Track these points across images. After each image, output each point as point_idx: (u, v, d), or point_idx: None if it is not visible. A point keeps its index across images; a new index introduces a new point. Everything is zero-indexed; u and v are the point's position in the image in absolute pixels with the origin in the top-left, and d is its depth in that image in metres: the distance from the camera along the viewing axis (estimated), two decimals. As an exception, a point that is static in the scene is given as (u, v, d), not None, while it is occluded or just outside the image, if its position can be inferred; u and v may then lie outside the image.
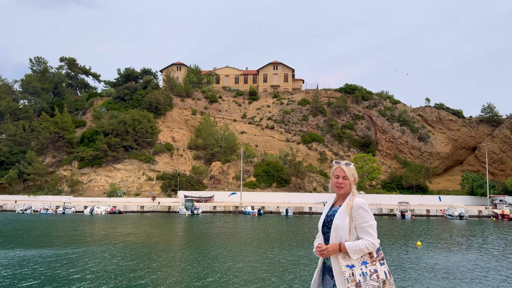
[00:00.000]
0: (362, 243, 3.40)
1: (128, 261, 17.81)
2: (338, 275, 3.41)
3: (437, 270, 16.34)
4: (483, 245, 24.87)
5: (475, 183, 73.86)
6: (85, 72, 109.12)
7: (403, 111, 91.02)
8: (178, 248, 22.54)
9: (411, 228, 36.50)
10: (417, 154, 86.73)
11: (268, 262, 17.76)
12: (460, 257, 19.71)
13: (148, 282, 13.67)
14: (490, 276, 15.28)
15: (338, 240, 3.47)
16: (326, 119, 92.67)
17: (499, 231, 34.85)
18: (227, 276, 14.63)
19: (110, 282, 13.60)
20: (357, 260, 3.39)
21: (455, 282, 14.11)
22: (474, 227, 39.34)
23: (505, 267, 17.26)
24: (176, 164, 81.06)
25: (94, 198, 71.38)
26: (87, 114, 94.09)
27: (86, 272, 15.15)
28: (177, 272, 15.44)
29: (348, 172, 3.66)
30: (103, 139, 77.86)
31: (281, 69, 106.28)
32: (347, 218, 3.49)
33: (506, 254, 21.15)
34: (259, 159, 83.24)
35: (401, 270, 16.21)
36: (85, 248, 21.60)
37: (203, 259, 18.48)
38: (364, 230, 3.45)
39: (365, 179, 77.53)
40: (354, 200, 3.54)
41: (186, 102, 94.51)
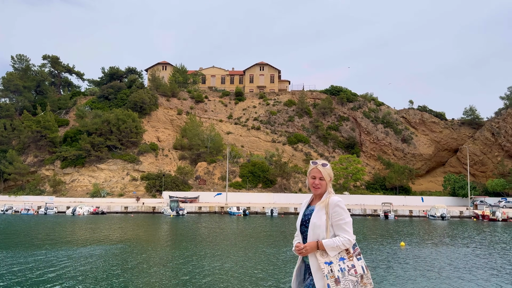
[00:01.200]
0: (339, 240, 3.49)
1: (112, 263, 17.63)
2: (316, 272, 3.49)
3: (420, 269, 16.62)
4: (464, 244, 25.37)
5: (456, 184, 75.23)
6: (68, 70, 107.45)
7: (387, 113, 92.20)
8: (164, 248, 22.40)
9: (394, 229, 37.00)
10: (400, 155, 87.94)
11: (253, 261, 17.81)
12: (442, 256, 20.07)
13: (132, 284, 13.57)
14: (472, 274, 15.62)
15: (315, 238, 3.55)
16: (311, 120, 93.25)
17: (479, 231, 35.59)
18: (214, 276, 14.62)
19: (92, 285, 13.45)
20: (335, 256, 3.48)
21: (437, 280, 14.38)
22: (455, 227, 40.09)
23: (487, 265, 17.66)
24: (161, 164, 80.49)
25: (77, 199, 70.36)
26: (70, 113, 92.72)
27: (66, 275, 14.94)
28: (163, 273, 15.35)
29: (324, 173, 3.74)
30: (86, 139, 76.85)
31: (267, 70, 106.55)
32: (324, 216, 3.57)
33: (487, 253, 21.62)
34: (245, 159, 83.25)
35: (384, 269, 16.43)
36: (66, 250, 21.29)
37: (190, 260, 18.41)
38: (340, 227, 3.54)
39: (350, 180, 78.27)
40: (331, 198, 3.63)
41: (171, 102, 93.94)
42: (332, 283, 3.39)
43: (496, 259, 19.84)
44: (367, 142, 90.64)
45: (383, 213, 54.69)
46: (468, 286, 13.66)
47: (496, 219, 50.63)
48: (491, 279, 14.89)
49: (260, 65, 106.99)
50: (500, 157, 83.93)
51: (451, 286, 13.68)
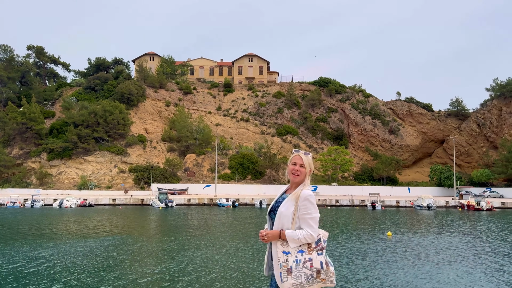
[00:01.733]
0: (301, 233, 3.50)
1: (102, 255, 17.55)
2: (274, 260, 3.54)
3: (407, 257, 16.90)
4: (450, 233, 25.84)
5: (442, 174, 76.37)
6: (54, 61, 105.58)
7: (375, 105, 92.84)
8: (154, 240, 22.37)
9: (381, 219, 37.48)
10: (387, 146, 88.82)
11: (245, 251, 17.90)
12: (429, 245, 20.43)
13: (124, 276, 13.54)
14: (459, 261, 15.95)
15: (280, 227, 3.59)
16: (300, 111, 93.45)
17: (464, 221, 36.26)
18: (206, 266, 14.67)
19: (80, 277, 13.39)
20: (294, 248, 3.50)
21: (424, 267, 14.65)
22: (441, 217, 40.77)
23: (473, 253, 18.04)
24: (149, 156, 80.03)
25: (64, 191, 69.67)
26: (56, 104, 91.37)
27: (54, 269, 14.84)
28: (155, 265, 15.35)
29: (305, 161, 3.74)
30: (73, 131, 75.92)
31: (256, 61, 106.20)
32: (292, 207, 3.59)
33: (473, 241, 22.07)
34: (234, 151, 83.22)
35: (372, 258, 16.66)
36: (53, 243, 21.12)
37: (181, 251, 18.43)
38: (305, 221, 3.55)
39: (338, 171, 78.92)
40: (302, 191, 3.63)
41: (159, 93, 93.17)
42: (284, 272, 3.43)
43: (483, 247, 20.27)
44: (355, 133, 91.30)
45: (370, 203, 55.32)
46: (455, 273, 13.95)
47: (480, 208, 51.60)
48: (478, 267, 15.22)
49: (249, 56, 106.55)
50: (485, 148, 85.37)
51: (438, 273, 13.95)
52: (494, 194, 70.14)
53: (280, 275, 3.41)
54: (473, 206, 52.60)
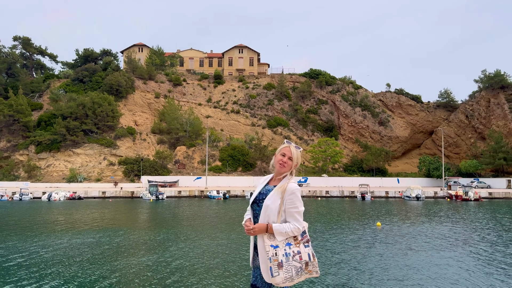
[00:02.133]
0: (289, 226, 3.51)
1: (93, 248, 17.43)
2: (262, 253, 3.53)
3: (397, 247, 17.07)
4: (439, 223, 26.18)
5: (431, 165, 77.21)
6: (41, 52, 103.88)
7: (365, 96, 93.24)
8: (146, 232, 22.28)
9: (371, 209, 37.81)
10: (377, 138, 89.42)
11: (237, 242, 17.93)
12: (418, 234, 20.67)
13: (114, 267, 13.46)
14: (449, 249, 16.17)
15: (266, 220, 3.57)
16: (291, 103, 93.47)
17: (453, 211, 36.76)
18: (200, 257, 14.66)
19: (70, 269, 13.28)
20: (282, 241, 3.50)
21: (415, 256, 14.81)
22: (429, 207, 41.27)
23: (462, 242, 18.31)
24: (139, 148, 79.53)
25: (53, 184, 69.01)
26: (44, 96, 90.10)
27: (43, 261, 14.70)
28: (148, 256, 15.29)
29: (294, 154, 3.73)
30: (61, 123, 75.04)
31: (246, 53, 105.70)
32: (278, 201, 3.58)
33: (462, 230, 22.40)
34: (224, 143, 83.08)
35: (361, 248, 16.80)
36: (42, 236, 20.92)
37: (174, 242, 18.40)
38: (292, 215, 3.56)
39: (328, 163, 79.35)
40: (289, 185, 3.63)
41: (148, 85, 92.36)
42: (275, 266, 3.42)
43: (472, 236, 20.57)
44: (345, 125, 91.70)
45: (360, 194, 55.77)
46: (446, 261, 14.13)
47: (468, 199, 52.33)
48: (467, 255, 15.45)
49: (239, 48, 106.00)
50: (473, 139, 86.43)
51: (428, 261, 14.12)
52: (481, 185, 71.19)
53: (270, 269, 3.39)
54: (461, 196, 53.32)
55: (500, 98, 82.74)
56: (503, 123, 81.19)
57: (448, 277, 12.04)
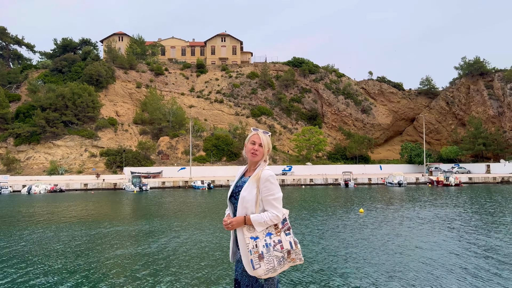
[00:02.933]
0: (267, 215, 3.40)
1: (78, 240, 17.11)
2: (242, 247, 3.40)
3: (379, 232, 17.26)
4: (420, 207, 26.61)
5: (413, 152, 78.41)
6: (17, 42, 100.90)
7: (348, 84, 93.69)
8: (131, 224, 22.00)
9: (354, 196, 38.21)
10: (360, 125, 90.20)
11: (224, 231, 17.86)
12: (400, 219, 20.95)
13: (103, 260, 13.23)
14: (430, 232, 16.42)
15: (244, 212, 3.44)
16: (274, 92, 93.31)
17: (434, 196, 37.43)
18: (188, 246, 14.53)
19: (53, 263, 13.00)
20: (262, 231, 3.40)
21: (396, 240, 14.99)
22: (411, 193, 41.94)
23: (441, 224, 18.62)
24: (121, 139, 78.46)
25: (33, 177, 67.67)
26: (21, 87, 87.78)
27: (24, 255, 14.36)
28: (135, 247, 15.08)
29: (264, 140, 3.62)
30: (40, 114, 73.39)
31: (229, 41, 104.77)
32: (254, 190, 3.46)
33: (441, 213, 22.80)
34: (208, 133, 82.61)
35: (344, 234, 16.93)
36: (22, 229, 20.46)
37: (161, 233, 18.22)
38: (269, 203, 3.44)
39: (312, 151, 79.80)
40: (262, 172, 3.51)
41: (129, 74, 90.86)
42: (256, 258, 3.31)
43: (453, 219, 20.94)
44: (329, 113, 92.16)
45: (343, 181, 56.30)
46: (429, 245, 14.34)
47: (449, 184, 53.38)
48: (449, 236, 15.71)
49: (222, 36, 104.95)
50: (453, 125, 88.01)
51: (410, 247, 14.30)
52: (462, 170, 72.70)
53: (252, 262, 3.29)
54: (442, 182, 54.32)
55: (480, 85, 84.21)
56: (482, 109, 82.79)
57: (433, 260, 12.21)
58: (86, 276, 11.11)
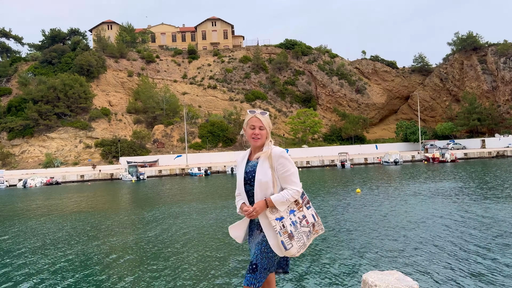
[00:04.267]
0: (288, 193, 3.27)
1: (80, 230, 17.02)
2: (268, 230, 3.28)
3: (377, 211, 17.28)
4: (418, 184, 26.70)
5: (408, 130, 78.59)
6: (5, 34, 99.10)
7: (341, 65, 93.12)
8: (132, 212, 21.97)
9: (351, 176, 38.31)
10: (355, 106, 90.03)
11: (225, 216, 17.84)
12: (397, 198, 21.00)
13: (105, 247, 13.16)
14: (423, 209, 16.48)
15: (263, 196, 3.29)
16: (268, 76, 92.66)
17: (430, 172, 37.58)
18: (191, 232, 14.50)
19: (52, 253, 12.92)
20: (285, 211, 3.28)
21: (394, 220, 15.02)
22: (407, 170, 42.11)
23: (439, 198, 18.68)
24: (115, 129, 77.97)
25: (29, 170, 67.37)
26: (12, 81, 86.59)
27: (25, 245, 14.27)
28: (138, 234, 15.03)
29: (264, 122, 3.40)
30: (32, 107, 72.64)
31: (220, 25, 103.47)
32: (269, 171, 3.30)
33: (439, 188, 22.90)
34: (203, 120, 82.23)
35: (340, 214, 16.95)
36: (21, 222, 20.34)
37: (163, 219, 18.19)
38: (287, 179, 3.31)
39: (308, 133, 79.76)
40: (273, 150, 3.34)
41: (120, 63, 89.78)
42: (286, 239, 3.22)
43: (450, 192, 21.02)
44: (323, 95, 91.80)
45: (340, 162, 56.45)
46: (432, 220, 14.37)
47: (445, 160, 53.65)
48: (447, 207, 15.76)
49: (212, 20, 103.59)
50: (448, 101, 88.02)
51: (409, 223, 14.32)
52: (457, 146, 73.06)
53: (283, 243, 3.19)
54: (438, 158, 54.57)
55: (473, 60, 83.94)
56: (476, 85, 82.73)
57: (432, 232, 12.24)
58: (90, 264, 11.05)
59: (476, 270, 8.98)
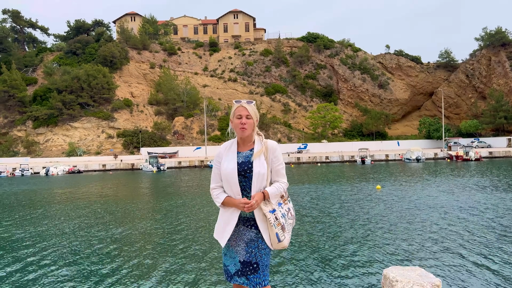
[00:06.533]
0: (281, 186, 3.32)
1: (107, 217, 17.32)
2: (262, 222, 3.26)
3: (396, 210, 16.96)
4: (437, 183, 26.08)
5: (431, 127, 76.92)
6: (31, 25, 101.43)
7: (364, 59, 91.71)
8: (157, 200, 22.29)
9: (371, 173, 37.76)
10: (377, 101, 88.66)
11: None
12: (418, 195, 20.57)
13: (132, 232, 13.34)
14: (445, 207, 16.06)
15: (259, 188, 3.24)
16: (289, 69, 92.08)
17: (454, 170, 36.70)
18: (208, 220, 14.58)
19: (72, 238, 13.16)
20: (275, 203, 3.30)
21: (415, 216, 14.70)
22: (430, 168, 41.23)
23: (459, 199, 18.20)
24: (136, 120, 79.06)
25: (53, 159, 69.07)
26: (37, 70, 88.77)
27: (49, 231, 14.59)
28: (164, 221, 15.19)
29: (251, 111, 3.32)
30: (57, 97, 74.29)
31: (241, 18, 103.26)
32: (265, 163, 3.27)
33: (462, 189, 22.31)
34: (223, 112, 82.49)
35: (360, 210, 16.69)
36: (44, 209, 20.83)
37: (187, 207, 18.36)
38: (279, 173, 3.35)
39: (328, 128, 79.05)
40: (268, 143, 3.34)
41: (143, 55, 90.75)
42: (280, 230, 3.24)
43: (475, 194, 20.46)
44: (345, 89, 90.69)
45: (360, 158, 55.72)
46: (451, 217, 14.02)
47: (469, 159, 52.31)
48: (470, 217, 15.33)
49: (234, 13, 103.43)
50: (473, 98, 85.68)
51: (431, 220, 13.99)
52: (482, 144, 71.14)
53: (277, 235, 3.22)
54: (462, 156, 53.25)
55: (501, 56, 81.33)
56: (504, 82, 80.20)
57: (457, 229, 11.90)
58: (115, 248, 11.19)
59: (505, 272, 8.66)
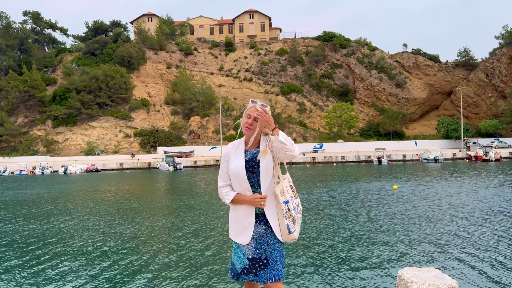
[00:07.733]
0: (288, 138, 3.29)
1: (123, 215, 17.60)
2: (276, 214, 3.31)
3: (413, 210, 16.75)
4: (458, 183, 25.64)
5: (450, 127, 75.58)
6: (51, 26, 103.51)
7: (381, 58, 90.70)
8: (174, 198, 22.60)
9: (387, 173, 37.35)
10: (394, 100, 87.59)
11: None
12: (438, 195, 20.27)
13: (141, 231, 13.54)
14: (465, 209, 15.79)
15: (267, 182, 3.30)
16: (304, 69, 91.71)
17: (474, 171, 36.01)
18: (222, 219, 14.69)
19: (92, 237, 13.41)
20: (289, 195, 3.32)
21: (432, 217, 14.50)
22: (448, 168, 40.55)
23: (482, 202, 17.86)
24: (153, 120, 79.89)
25: (71, 157, 70.33)
26: (57, 71, 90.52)
27: (64, 232, 14.89)
28: (182, 218, 15.37)
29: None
30: (75, 97, 75.62)
31: (257, 18, 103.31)
32: (271, 157, 3.31)
33: (480, 189, 21.89)
34: (238, 112, 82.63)
35: (378, 211, 16.55)
36: (61, 207, 21.24)
37: (204, 206, 18.52)
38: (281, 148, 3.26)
39: (344, 128, 78.48)
40: (271, 138, 3.34)
41: (160, 55, 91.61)
42: (291, 222, 3.27)
43: (498, 195, 20.07)
44: (361, 89, 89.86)
45: (376, 158, 55.12)
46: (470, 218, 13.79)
47: (489, 159, 51.29)
48: (489, 217, 15.04)
49: (250, 13, 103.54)
50: (493, 98, 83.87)
51: (448, 220, 13.78)
52: (502, 145, 69.61)
53: (288, 226, 3.23)
54: (481, 157, 52.22)
55: (523, 55, 79.39)
56: (525, 81, 78.28)
57: (474, 230, 11.71)
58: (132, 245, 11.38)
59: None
